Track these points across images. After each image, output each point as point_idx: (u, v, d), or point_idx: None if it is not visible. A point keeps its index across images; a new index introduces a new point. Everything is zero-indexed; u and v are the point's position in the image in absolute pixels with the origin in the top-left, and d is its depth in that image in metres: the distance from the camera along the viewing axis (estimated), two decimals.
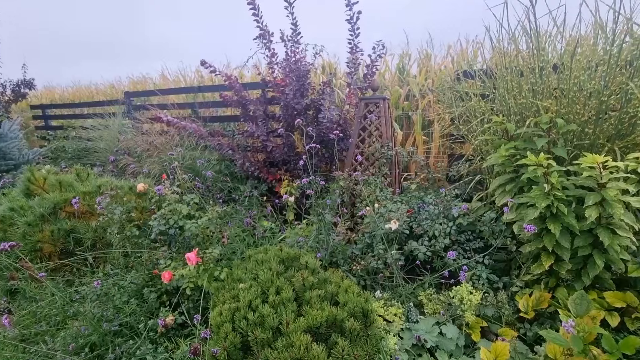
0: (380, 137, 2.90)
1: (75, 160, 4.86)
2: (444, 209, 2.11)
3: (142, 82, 7.85)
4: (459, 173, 2.70)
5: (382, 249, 1.94)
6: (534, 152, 1.73)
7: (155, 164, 3.19)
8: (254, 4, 3.18)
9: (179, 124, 2.99)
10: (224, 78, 3.32)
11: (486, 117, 2.19)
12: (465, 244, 2.09)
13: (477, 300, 1.59)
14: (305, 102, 3.38)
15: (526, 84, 1.98)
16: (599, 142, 1.84)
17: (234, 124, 4.38)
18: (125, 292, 1.79)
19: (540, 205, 1.61)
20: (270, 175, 3.58)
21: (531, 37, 1.89)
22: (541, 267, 1.71)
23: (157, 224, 1.75)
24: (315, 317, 1.35)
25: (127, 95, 4.87)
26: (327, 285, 1.59)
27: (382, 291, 1.93)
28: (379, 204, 2.30)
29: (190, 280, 1.60)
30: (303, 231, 2.66)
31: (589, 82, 1.78)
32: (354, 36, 3.32)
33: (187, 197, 1.91)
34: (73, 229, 2.22)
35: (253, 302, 1.46)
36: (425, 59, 5.39)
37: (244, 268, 1.74)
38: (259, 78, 3.91)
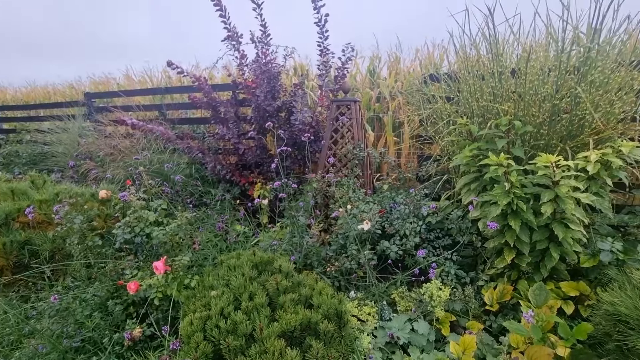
0: (353, 138, 2.95)
1: (31, 166, 4.52)
2: (414, 209, 2.18)
3: (105, 82, 7.46)
4: (428, 173, 2.79)
5: (355, 250, 1.97)
6: (495, 153, 1.83)
7: (119, 168, 3.04)
8: (221, 5, 3.13)
9: (144, 126, 2.87)
10: (192, 79, 3.23)
11: (452, 119, 2.28)
12: (434, 242, 2.16)
13: (446, 296, 1.65)
14: (276, 104, 3.36)
15: (487, 88, 2.08)
16: (553, 142, 1.98)
17: (204, 126, 4.27)
18: (87, 305, 1.69)
19: (502, 203, 1.69)
20: (242, 178, 3.52)
21: (490, 43, 2.00)
22: (504, 261, 1.80)
23: (122, 233, 1.67)
24: (289, 321, 1.35)
25: (87, 96, 4.61)
26: (301, 288, 1.59)
27: (356, 291, 1.95)
28: (351, 205, 2.33)
29: (158, 290, 1.54)
30: (277, 234, 2.64)
31: (542, 86, 1.91)
32: (323, 39, 3.35)
33: (155, 203, 1.84)
34: (28, 240, 2.07)
35: (225, 309, 1.43)
36: (395, 62, 5.53)
37: (215, 275, 1.70)
38: (229, 79, 3.84)
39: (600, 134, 1.92)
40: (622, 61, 1.90)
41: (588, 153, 1.73)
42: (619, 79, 1.86)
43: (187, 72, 3.18)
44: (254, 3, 3.18)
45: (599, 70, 1.78)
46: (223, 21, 3.19)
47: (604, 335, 1.36)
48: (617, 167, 1.69)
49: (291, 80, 4.94)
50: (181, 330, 1.36)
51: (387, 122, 4.26)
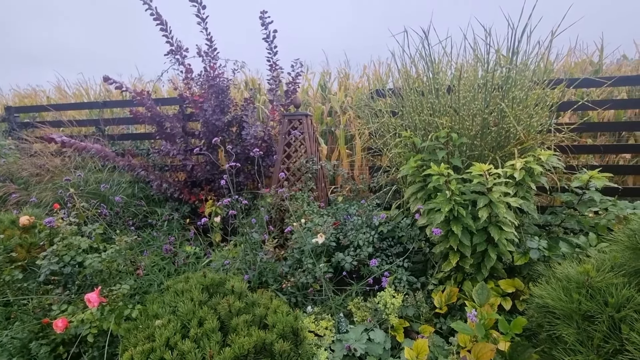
0: (305, 152, 2.97)
1: None
2: (367, 219, 2.23)
3: (32, 95, 6.72)
4: (379, 184, 2.90)
5: (311, 264, 1.95)
6: (436, 163, 1.96)
7: (47, 191, 2.72)
8: (161, 20, 3.03)
9: (77, 144, 2.61)
10: (132, 95, 3.04)
11: (397, 132, 2.41)
12: (387, 250, 2.23)
13: (399, 302, 1.70)
14: (226, 119, 3.29)
15: (427, 103, 2.24)
16: (485, 152, 2.17)
17: (149, 142, 4.02)
18: (4, 350, 1.46)
19: (445, 210, 1.81)
20: (192, 196, 3.36)
21: (427, 62, 2.17)
22: (449, 264, 1.91)
23: (48, 263, 1.48)
24: (242, 345, 1.29)
25: (8, 110, 4.11)
26: (256, 308, 1.53)
27: (313, 305, 1.93)
28: (306, 219, 2.33)
29: (92, 325, 1.38)
30: (230, 253, 2.53)
31: (473, 102, 2.11)
32: (272, 54, 3.38)
33: (88, 228, 1.66)
34: None
35: (171, 339, 1.32)
36: (344, 78, 5.74)
37: (161, 302, 1.58)
38: (176, 93, 3.68)
39: (524, 144, 2.16)
40: (537, 80, 2.17)
41: (514, 161, 1.92)
42: (535, 96, 2.12)
43: (127, 87, 2.99)
44: (198, 17, 3.12)
45: (519, 87, 2.01)
46: (165, 35, 3.08)
47: (537, 327, 1.49)
48: (538, 173, 1.90)
49: (242, 95, 4.88)
50: None
51: (340, 136, 4.37)
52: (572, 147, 2.62)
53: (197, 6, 3.09)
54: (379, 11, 10.44)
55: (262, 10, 3.17)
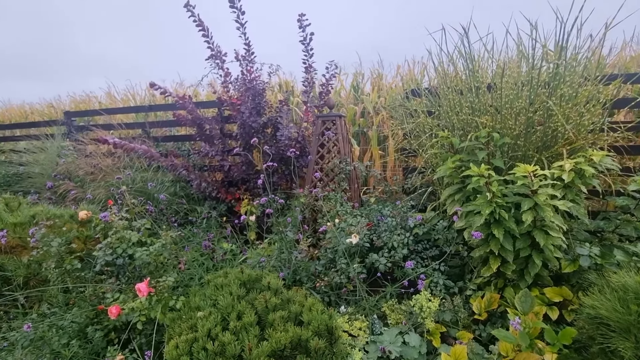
0: (339, 153, 2.98)
1: (5, 188, 4.33)
2: (401, 220, 2.20)
3: (86, 101, 7.32)
4: (414, 185, 2.84)
5: (345, 264, 1.96)
6: (476, 164, 1.89)
7: (100, 188, 2.96)
8: (203, 26, 3.17)
9: (126, 145, 2.82)
10: (175, 99, 3.22)
11: (434, 132, 2.35)
12: (422, 253, 2.18)
13: (436, 306, 1.66)
14: (262, 120, 3.38)
15: (465, 102, 2.17)
16: (529, 153, 2.06)
17: (190, 143, 4.23)
18: (64, 333, 1.61)
19: (485, 212, 1.74)
20: (229, 195, 3.49)
21: (466, 60, 2.10)
22: (490, 269, 1.83)
23: (103, 254, 1.61)
24: (279, 340, 1.32)
25: (67, 115, 4.51)
26: (291, 305, 1.56)
27: (347, 306, 1.94)
28: (339, 219, 2.33)
29: (141, 313, 1.48)
30: (265, 251, 2.60)
31: (516, 100, 2.01)
32: (308, 56, 3.43)
33: (137, 223, 1.79)
34: (0, 266, 1.97)
35: (212, 330, 1.39)
36: (377, 78, 5.69)
37: (202, 295, 1.66)
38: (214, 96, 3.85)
39: (573, 144, 2.02)
40: (587, 76, 2.02)
41: (562, 162, 1.81)
42: (587, 93, 1.98)
43: (171, 93, 3.17)
44: (237, 23, 3.24)
45: (568, 84, 1.89)
46: (206, 41, 3.23)
47: (588, 339, 1.39)
48: (589, 175, 1.77)
49: (276, 97, 4.99)
50: (166, 355, 1.31)
51: (372, 136, 4.34)
52: (629, 148, 2.41)
53: (236, 12, 3.21)
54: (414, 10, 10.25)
55: (300, 13, 3.23)
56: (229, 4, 3.13)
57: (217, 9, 3.34)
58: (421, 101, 2.81)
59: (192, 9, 3.11)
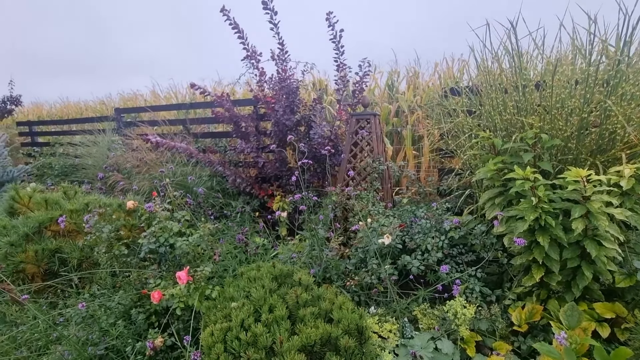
0: (372, 152, 2.95)
1: (62, 178, 4.76)
2: (436, 223, 2.13)
3: (133, 98, 7.83)
4: (450, 187, 2.74)
5: (376, 264, 1.94)
6: (520, 166, 1.78)
7: (145, 180, 3.15)
8: (239, 29, 3.26)
9: (167, 144, 2.97)
10: (213, 98, 3.35)
11: (473, 133, 2.25)
12: (457, 257, 2.10)
13: (471, 314, 1.59)
14: (295, 118, 3.42)
15: (510, 101, 2.05)
16: (582, 156, 1.91)
17: (226, 139, 4.39)
18: (112, 313, 1.73)
19: (529, 218, 1.64)
20: (262, 191, 3.57)
21: (513, 56, 1.98)
22: (532, 279, 1.72)
23: (147, 242, 1.72)
24: (310, 335, 1.33)
25: (117, 111, 4.85)
26: (321, 302, 1.57)
27: (377, 307, 1.91)
28: (371, 219, 2.31)
29: (180, 300, 1.56)
30: (296, 247, 2.63)
31: (569, 99, 1.86)
32: (339, 54, 3.42)
33: (178, 214, 1.88)
34: (58, 248, 2.16)
35: (246, 321, 1.43)
36: (414, 77, 5.55)
37: (236, 286, 1.71)
38: (251, 94, 3.95)
39: (634, 149, 1.85)
40: None
41: (621, 167, 1.66)
42: None
43: (209, 92, 3.30)
44: (271, 23, 3.30)
45: (631, 82, 1.72)
46: (242, 42, 3.33)
47: None
48: None
49: (310, 95, 5.03)
50: (202, 341, 1.37)
51: (407, 136, 4.25)
52: None
53: (269, 13, 3.27)
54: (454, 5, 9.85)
55: (328, 12, 3.24)
56: (262, 5, 3.20)
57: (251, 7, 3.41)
58: (461, 100, 2.70)
59: (227, 13, 3.21)
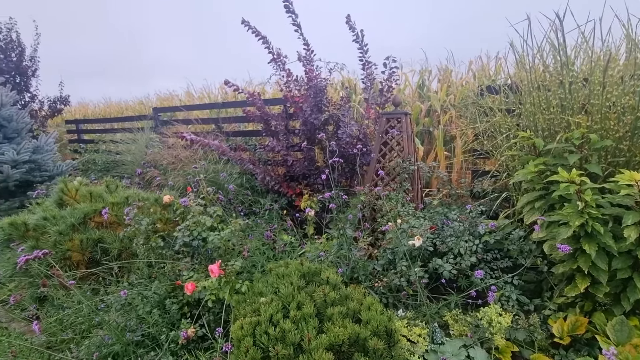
0: (402, 151, 2.88)
1: (104, 173, 5.07)
2: (470, 226, 2.05)
3: (169, 98, 8.19)
4: (484, 189, 2.63)
5: (405, 266, 1.89)
6: (565, 168, 1.67)
7: (179, 176, 3.28)
8: (262, 36, 3.33)
9: (202, 141, 3.08)
10: (246, 96, 3.42)
11: (512, 133, 2.14)
12: (491, 263, 2.01)
13: (508, 323, 1.51)
14: (323, 117, 3.42)
15: (554, 99, 1.93)
16: (636, 159, 1.76)
17: (256, 138, 4.48)
18: (148, 302, 1.82)
19: (574, 224, 1.53)
20: (290, 190, 3.60)
21: (559, 52, 1.86)
22: (576, 289, 1.61)
23: (182, 235, 1.79)
24: (338, 335, 1.32)
25: (155, 111, 5.09)
26: (349, 302, 1.56)
27: (405, 310, 1.87)
28: (401, 220, 2.26)
29: (212, 293, 1.60)
30: (323, 246, 2.64)
31: (622, 97, 1.72)
32: (364, 52, 3.39)
33: (211, 209, 1.94)
34: (101, 238, 2.29)
35: (274, 316, 1.44)
36: (446, 75, 5.38)
37: (265, 282, 1.74)
38: (281, 94, 4.01)
39: None
40: None
41: None
42: None
43: (242, 90, 3.38)
44: (295, 26, 3.33)
45: None
46: (266, 47, 3.38)
47: None
48: None
49: (339, 95, 5.02)
50: (232, 334, 1.40)
51: (438, 136, 4.12)
52: None
53: (291, 16, 3.30)
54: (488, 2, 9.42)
55: (346, 15, 3.24)
56: (285, 9, 3.24)
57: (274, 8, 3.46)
58: (499, 98, 2.57)
59: (248, 23, 3.30)
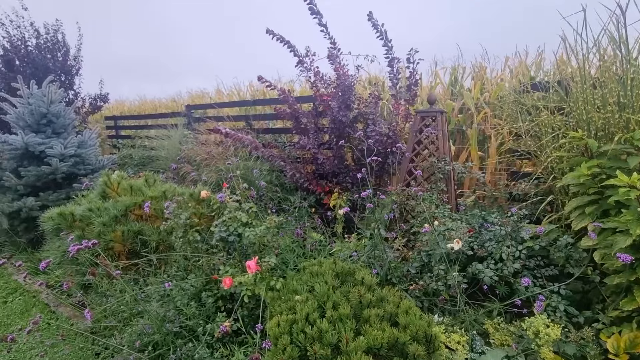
0: (437, 151, 2.79)
1: (140, 167, 5.29)
2: (512, 231, 1.95)
3: (200, 96, 8.42)
4: (524, 192, 2.49)
5: (443, 270, 1.83)
6: (624, 172, 1.54)
7: (212, 172, 3.35)
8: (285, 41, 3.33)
9: (236, 135, 3.13)
10: (278, 92, 3.44)
11: (561, 133, 2.01)
12: (535, 270, 1.90)
13: (557, 335, 1.42)
14: (351, 115, 3.38)
15: (612, 97, 1.79)
16: None
17: (285, 135, 4.50)
18: (185, 294, 1.86)
19: (635, 232, 1.41)
20: (319, 187, 3.59)
21: (620, 45, 1.72)
22: (634, 303, 1.49)
23: (219, 230, 1.82)
24: (376, 338, 1.29)
25: (188, 108, 5.25)
26: (385, 304, 1.52)
27: (440, 315, 1.81)
28: (437, 222, 2.19)
29: (248, 288, 1.62)
30: (354, 245, 2.61)
31: None
32: (389, 49, 3.30)
33: (246, 205, 1.96)
34: (140, 231, 2.38)
35: (310, 315, 1.43)
36: (481, 72, 5.16)
37: (299, 279, 1.74)
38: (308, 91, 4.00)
39: None
40: None
41: None
42: None
43: (274, 86, 3.40)
44: (321, 26, 3.29)
45: None
46: (292, 51, 3.37)
47: None
48: None
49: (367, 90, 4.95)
50: (269, 331, 1.40)
51: (472, 136, 3.96)
52: None
53: (317, 17, 3.27)
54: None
55: (368, 13, 3.16)
56: (310, 12, 3.22)
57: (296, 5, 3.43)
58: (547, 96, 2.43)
59: (272, 32, 3.31)
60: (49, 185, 3.34)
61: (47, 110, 3.36)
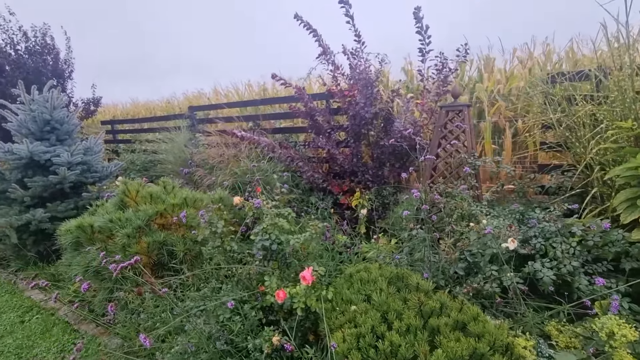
0: (464, 146, 2.72)
1: (143, 173, 5.11)
2: (562, 227, 1.88)
3: (197, 97, 8.21)
4: (560, 185, 2.44)
5: (495, 270, 1.75)
6: None
7: (227, 175, 3.23)
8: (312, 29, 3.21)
9: (252, 138, 3.01)
10: (294, 90, 3.32)
11: (609, 124, 1.95)
12: (585, 267, 1.84)
13: (634, 336, 1.36)
14: (373, 111, 3.28)
15: None
16: None
17: (296, 135, 4.39)
18: (226, 308, 1.75)
19: None
20: (336, 187, 3.50)
21: None
22: None
23: (260, 239, 1.71)
24: (454, 351, 1.21)
25: (191, 109, 5.08)
26: (449, 311, 1.44)
27: (493, 318, 1.73)
28: (475, 220, 2.12)
29: (300, 300, 1.52)
30: (386, 247, 2.52)
31: None
32: (425, 45, 3.22)
33: (284, 211, 1.86)
34: (165, 240, 2.25)
35: (377, 328, 1.34)
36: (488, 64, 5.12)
37: (351, 287, 1.64)
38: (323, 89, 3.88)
39: None
40: None
41: None
42: None
43: (290, 84, 3.28)
44: (347, 17, 3.18)
45: None
46: (317, 41, 3.25)
47: None
48: None
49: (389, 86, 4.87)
50: (337, 347, 1.30)
51: (485, 129, 3.91)
52: None
53: (345, 7, 3.16)
54: None
55: (416, 7, 3.06)
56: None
57: None
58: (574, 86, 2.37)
59: (300, 17, 3.18)
60: (55, 195, 3.17)
61: (51, 116, 3.18)
